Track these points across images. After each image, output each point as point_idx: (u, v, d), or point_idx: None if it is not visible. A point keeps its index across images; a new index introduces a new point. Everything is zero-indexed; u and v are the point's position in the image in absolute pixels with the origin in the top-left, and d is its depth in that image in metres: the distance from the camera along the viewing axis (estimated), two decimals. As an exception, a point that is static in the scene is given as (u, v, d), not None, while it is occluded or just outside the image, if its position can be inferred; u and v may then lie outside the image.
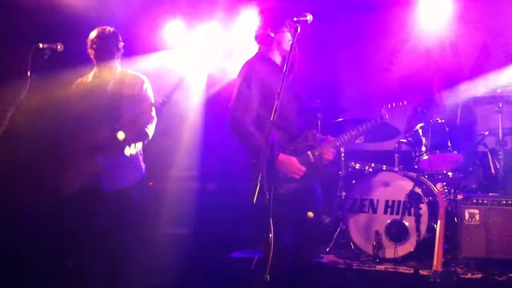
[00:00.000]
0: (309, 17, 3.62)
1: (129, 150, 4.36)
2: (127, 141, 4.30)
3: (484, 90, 5.97)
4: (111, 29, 4.43)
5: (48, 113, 4.67)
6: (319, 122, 6.05)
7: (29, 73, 3.81)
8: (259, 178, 3.10)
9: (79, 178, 4.27)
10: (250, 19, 6.20)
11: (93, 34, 4.39)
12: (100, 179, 4.26)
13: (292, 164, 3.95)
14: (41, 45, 3.95)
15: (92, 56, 4.41)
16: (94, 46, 4.37)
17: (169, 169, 6.07)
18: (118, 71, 4.45)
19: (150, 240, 5.33)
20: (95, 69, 4.46)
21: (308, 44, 4.12)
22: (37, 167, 4.98)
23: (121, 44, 4.45)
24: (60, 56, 3.99)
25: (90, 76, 4.47)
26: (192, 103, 6.12)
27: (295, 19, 3.59)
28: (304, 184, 4.01)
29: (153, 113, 4.39)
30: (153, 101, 4.42)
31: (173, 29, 5.96)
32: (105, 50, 4.37)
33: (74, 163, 4.32)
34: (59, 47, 4.02)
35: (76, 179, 4.29)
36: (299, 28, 3.56)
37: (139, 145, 4.47)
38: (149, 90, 4.47)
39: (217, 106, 6.31)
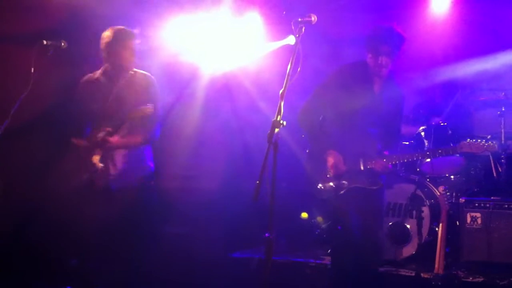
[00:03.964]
0: (313, 18, 3.61)
1: (133, 150, 4.35)
2: (122, 145, 4.27)
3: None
4: (126, 28, 4.34)
5: (52, 108, 4.66)
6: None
7: (32, 69, 3.82)
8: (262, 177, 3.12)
9: (79, 174, 4.26)
10: (254, 19, 6.23)
11: (107, 33, 4.29)
12: (108, 177, 4.25)
13: (334, 159, 4.28)
14: (45, 42, 3.96)
15: (104, 55, 4.31)
16: (107, 44, 4.27)
17: (170, 168, 6.05)
18: (129, 71, 4.38)
19: (151, 239, 5.31)
20: (106, 66, 4.38)
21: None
22: (40, 163, 4.97)
23: (135, 43, 4.35)
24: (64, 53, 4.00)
25: (98, 73, 4.41)
26: (194, 100, 6.11)
27: (299, 19, 3.59)
28: (344, 186, 4.29)
29: (156, 115, 4.35)
30: (159, 101, 4.39)
31: (178, 26, 5.94)
32: (118, 49, 4.28)
33: (77, 159, 4.30)
34: (63, 44, 4.03)
35: (75, 175, 4.27)
36: (303, 28, 3.56)
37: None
38: (156, 91, 4.43)
39: (219, 103, 6.33)
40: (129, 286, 4.40)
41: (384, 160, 4.27)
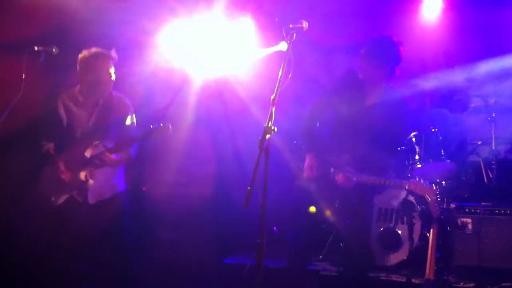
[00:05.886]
0: (305, 24, 3.62)
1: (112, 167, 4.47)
2: (117, 162, 4.42)
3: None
4: (103, 51, 4.39)
5: (43, 117, 4.66)
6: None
7: (23, 75, 3.81)
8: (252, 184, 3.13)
9: (63, 190, 4.34)
10: (246, 25, 6.23)
11: (84, 54, 4.36)
12: (86, 192, 4.35)
13: (309, 163, 4.51)
14: (36, 48, 3.96)
15: (80, 75, 4.39)
16: (83, 67, 4.36)
17: (162, 174, 6.04)
18: (107, 92, 4.46)
19: (142, 245, 5.30)
20: (81, 85, 4.45)
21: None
22: (26, 174, 4.94)
23: (113, 64, 4.42)
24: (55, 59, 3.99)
25: (76, 90, 4.48)
26: (185, 106, 6.10)
27: (291, 26, 3.59)
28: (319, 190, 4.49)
29: (136, 137, 4.48)
30: (135, 122, 4.55)
31: (170, 31, 5.94)
32: (95, 72, 4.36)
33: (56, 175, 4.34)
34: (54, 50, 4.03)
35: (59, 191, 4.34)
36: (294, 35, 3.57)
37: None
38: (133, 114, 4.57)
39: (211, 108, 6.32)
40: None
41: (346, 174, 4.37)
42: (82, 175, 4.31)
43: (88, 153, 4.31)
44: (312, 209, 4.61)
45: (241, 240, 5.92)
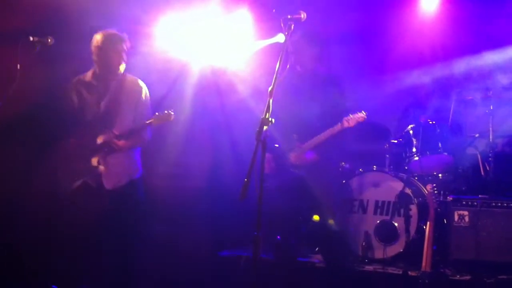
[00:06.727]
0: (303, 15, 3.61)
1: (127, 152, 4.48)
2: (127, 147, 4.42)
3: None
4: (117, 33, 4.43)
5: (39, 107, 4.64)
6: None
7: (18, 66, 3.79)
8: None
9: (76, 176, 4.33)
10: (243, 16, 6.21)
11: (98, 36, 4.38)
12: (101, 177, 4.35)
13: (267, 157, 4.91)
14: (31, 38, 3.95)
15: (94, 58, 4.41)
16: (98, 48, 4.38)
17: (157, 166, 6.02)
18: (120, 75, 4.47)
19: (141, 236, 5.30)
20: (95, 69, 4.46)
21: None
22: (28, 162, 4.91)
23: (126, 47, 4.45)
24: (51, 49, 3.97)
25: (88, 75, 4.47)
26: (182, 97, 6.07)
27: (289, 16, 3.58)
28: (282, 180, 4.79)
29: (141, 124, 4.47)
30: (149, 103, 4.58)
31: (167, 23, 5.91)
32: (108, 54, 4.38)
33: (69, 161, 4.34)
34: (49, 40, 4.02)
35: (71, 177, 4.34)
36: (292, 26, 3.55)
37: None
38: (147, 97, 4.58)
39: (208, 100, 6.31)
40: (117, 286, 4.42)
41: (297, 151, 4.82)
42: (94, 161, 4.33)
43: (100, 140, 4.32)
44: (316, 217, 4.74)
45: (237, 233, 5.92)
